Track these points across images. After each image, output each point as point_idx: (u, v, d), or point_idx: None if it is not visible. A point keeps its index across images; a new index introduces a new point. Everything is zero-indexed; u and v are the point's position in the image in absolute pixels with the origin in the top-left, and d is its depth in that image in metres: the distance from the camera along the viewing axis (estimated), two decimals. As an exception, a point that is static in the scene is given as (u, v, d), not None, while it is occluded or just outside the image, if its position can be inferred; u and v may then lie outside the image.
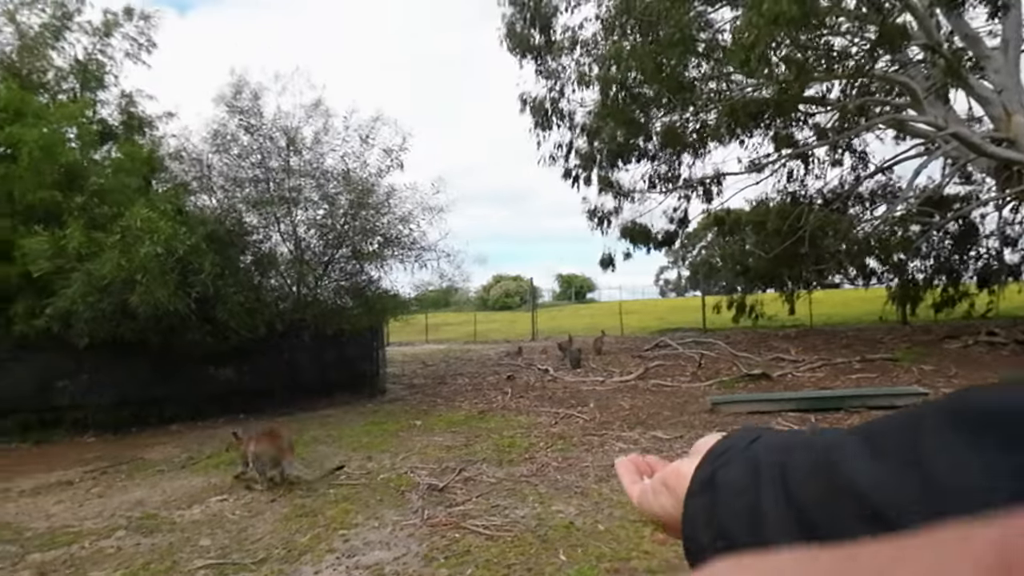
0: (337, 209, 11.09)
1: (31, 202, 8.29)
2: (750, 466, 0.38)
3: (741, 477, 0.38)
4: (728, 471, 0.40)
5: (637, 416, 9.74)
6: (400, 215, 11.28)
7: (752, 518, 0.36)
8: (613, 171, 21.69)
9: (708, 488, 0.41)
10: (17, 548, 5.09)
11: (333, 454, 7.97)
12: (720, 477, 0.40)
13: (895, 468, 0.29)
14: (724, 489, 0.39)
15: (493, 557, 4.50)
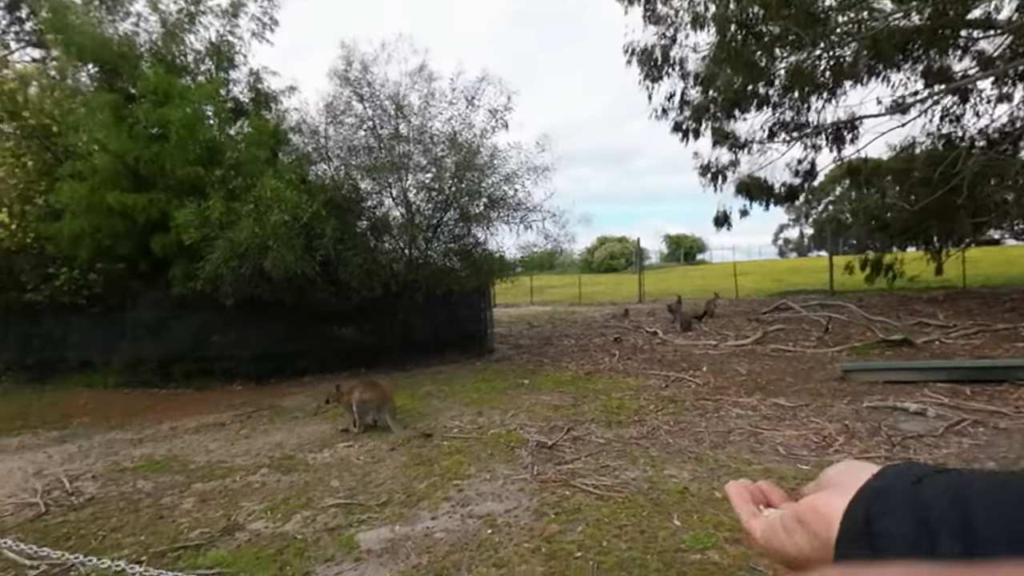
0: (444, 172, 11.29)
1: (180, 177, 9.29)
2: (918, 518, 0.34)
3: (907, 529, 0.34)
4: (889, 521, 0.36)
5: (755, 382, 9.17)
6: (504, 175, 11.26)
7: None
8: (729, 121, 20.11)
9: (865, 537, 0.37)
10: (183, 478, 5.86)
11: (445, 408, 8.32)
12: (878, 526, 0.36)
13: None
14: (887, 539, 0.35)
15: (604, 517, 4.46)
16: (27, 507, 5.22)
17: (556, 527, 4.31)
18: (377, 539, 4.26)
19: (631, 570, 3.66)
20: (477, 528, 4.38)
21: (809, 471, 5.17)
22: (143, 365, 10.78)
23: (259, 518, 4.75)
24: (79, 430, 8.17)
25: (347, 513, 4.76)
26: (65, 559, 4.11)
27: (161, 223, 9.38)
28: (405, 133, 11.88)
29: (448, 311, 14.17)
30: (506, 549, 4.02)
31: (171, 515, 4.90)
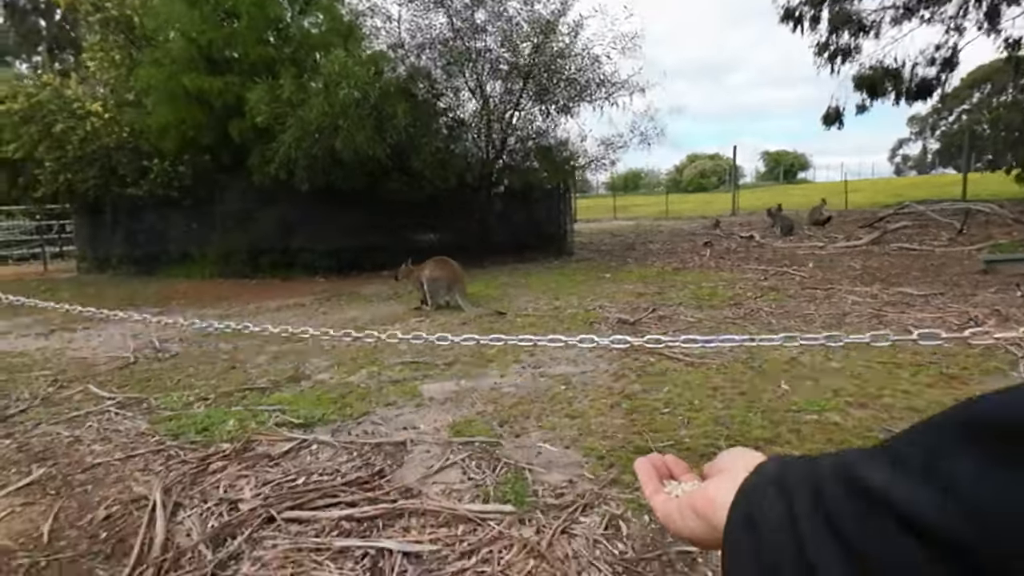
0: (521, 51, 10.34)
1: (252, 58, 9.09)
2: (781, 495, 0.37)
3: (778, 511, 0.37)
4: (768, 508, 0.38)
5: (873, 275, 8.01)
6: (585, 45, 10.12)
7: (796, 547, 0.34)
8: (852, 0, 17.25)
9: (747, 523, 0.39)
10: (261, 342, 5.89)
11: (520, 295, 7.93)
12: (759, 514, 0.38)
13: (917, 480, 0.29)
14: (764, 526, 0.37)
15: (694, 380, 3.89)
16: (119, 359, 5.43)
17: (639, 387, 3.80)
18: (441, 390, 3.97)
19: (728, 425, 3.11)
20: (549, 385, 3.96)
21: (951, 350, 4.29)
22: (234, 256, 11.18)
23: (325, 371, 4.61)
24: (175, 309, 8.58)
25: (413, 369, 4.51)
26: (139, 396, 4.18)
27: (237, 108, 9.31)
28: (481, 20, 10.94)
29: (526, 212, 13.61)
30: (580, 403, 3.58)
31: (243, 367, 4.89)
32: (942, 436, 0.30)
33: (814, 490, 0.35)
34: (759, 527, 0.38)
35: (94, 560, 2.13)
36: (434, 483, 2.60)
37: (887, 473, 0.31)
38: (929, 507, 0.28)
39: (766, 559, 0.36)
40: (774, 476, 0.40)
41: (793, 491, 0.37)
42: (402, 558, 2.03)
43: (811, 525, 0.34)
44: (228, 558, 2.07)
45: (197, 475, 2.75)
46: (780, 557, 0.35)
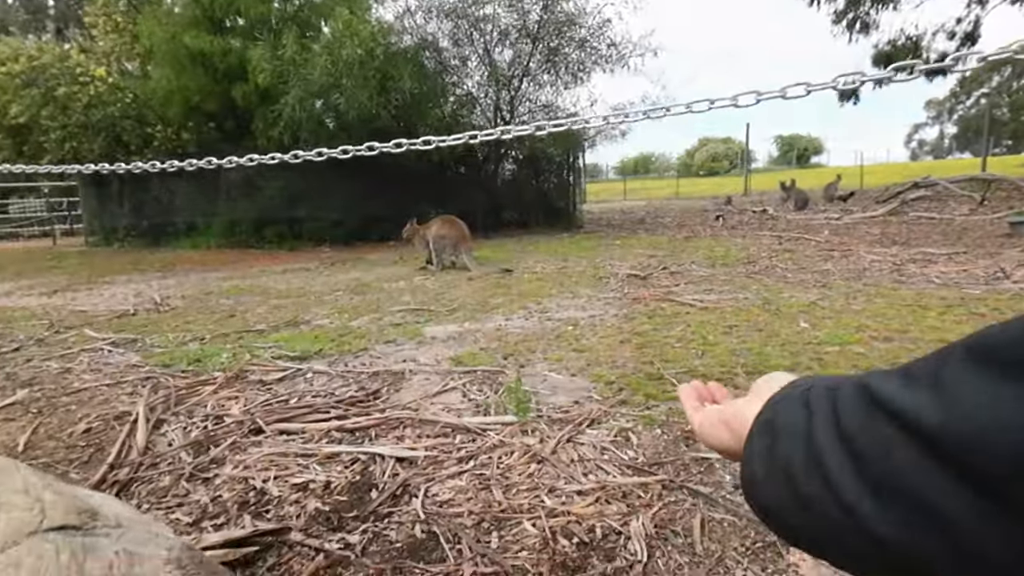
0: (530, 15, 10.08)
1: (254, 16, 8.91)
2: (804, 406, 0.39)
3: (797, 417, 0.38)
4: (787, 413, 0.40)
5: (892, 239, 7.76)
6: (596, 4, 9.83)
7: (808, 452, 0.36)
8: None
9: (768, 430, 0.41)
10: (261, 297, 5.77)
11: (529, 257, 7.76)
12: (780, 419, 0.41)
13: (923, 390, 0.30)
14: (783, 430, 0.39)
15: (709, 320, 3.71)
16: (119, 311, 5.33)
17: (650, 327, 3.63)
18: (444, 331, 3.82)
19: (745, 357, 2.93)
20: (556, 326, 3.80)
21: (980, 295, 4.07)
22: (239, 227, 11.08)
23: (325, 318, 4.48)
24: (179, 272, 8.50)
25: (416, 315, 4.36)
26: (134, 337, 4.06)
27: (241, 72, 9.15)
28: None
29: (535, 185, 13.39)
30: (589, 340, 3.41)
31: (242, 316, 4.76)
32: (950, 356, 0.31)
33: (832, 399, 0.37)
34: (778, 430, 0.40)
35: (69, 466, 2.00)
36: (432, 403, 2.45)
37: (897, 385, 0.32)
38: (932, 412, 0.29)
39: (778, 458, 0.38)
40: (801, 390, 0.41)
41: (814, 402, 0.38)
42: (395, 463, 1.89)
43: (823, 427, 0.36)
44: (209, 462, 1.94)
45: (185, 396, 2.62)
46: (791, 456, 0.37)
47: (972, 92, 55.31)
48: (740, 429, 0.46)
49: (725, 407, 0.52)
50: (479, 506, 1.63)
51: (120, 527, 0.79)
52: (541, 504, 1.64)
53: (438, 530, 1.53)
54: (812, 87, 1.34)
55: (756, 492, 0.41)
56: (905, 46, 17.40)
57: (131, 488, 1.81)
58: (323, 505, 1.66)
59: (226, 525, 1.58)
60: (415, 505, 1.65)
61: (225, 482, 1.81)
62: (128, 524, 0.81)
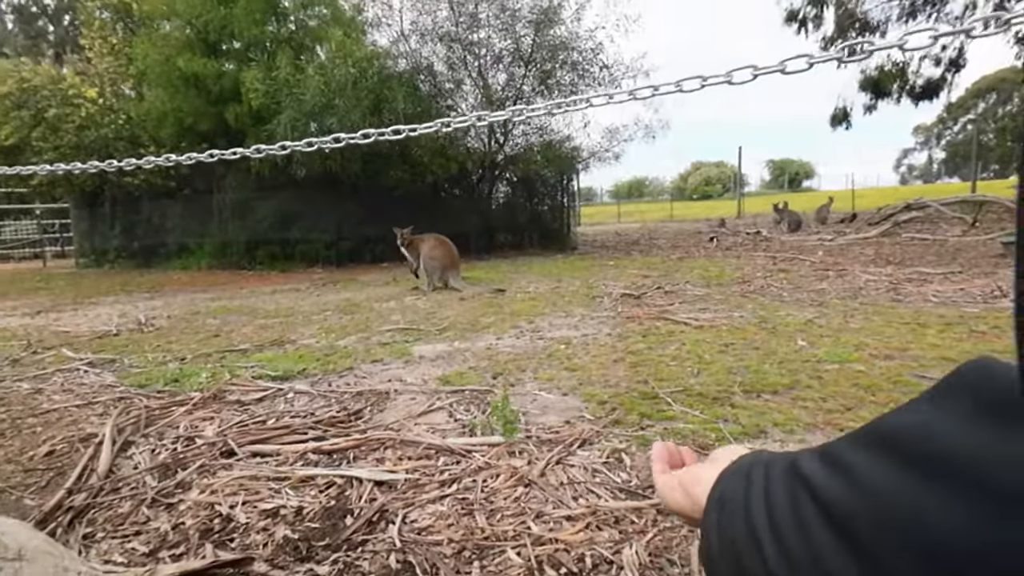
0: (524, 40, 10.18)
1: (248, 39, 8.96)
2: (745, 479, 0.40)
3: (738, 492, 0.40)
4: (731, 489, 0.41)
5: (886, 259, 7.74)
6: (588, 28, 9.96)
7: (747, 528, 0.37)
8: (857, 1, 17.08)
9: (717, 506, 0.42)
10: (248, 317, 5.66)
11: (522, 278, 7.68)
12: (726, 495, 0.42)
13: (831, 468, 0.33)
14: (728, 504, 0.41)
15: (704, 338, 3.62)
16: (101, 332, 5.20)
17: (644, 345, 3.54)
18: (432, 351, 3.71)
19: (742, 375, 2.84)
20: (548, 345, 3.70)
21: (979, 313, 4.01)
22: (231, 248, 10.99)
23: (312, 337, 4.36)
24: (167, 293, 8.37)
25: (405, 335, 4.26)
26: (112, 357, 3.94)
27: (234, 93, 9.17)
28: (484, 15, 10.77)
29: (528, 206, 13.40)
30: (581, 359, 3.31)
31: (227, 335, 4.65)
32: (855, 439, 0.33)
33: (765, 476, 0.38)
34: (724, 505, 0.41)
35: (25, 491, 1.87)
36: (416, 424, 2.34)
37: (816, 463, 0.34)
38: (834, 489, 0.32)
39: (725, 534, 0.39)
40: (746, 464, 0.43)
41: (753, 477, 0.40)
42: (373, 486, 1.77)
43: (757, 503, 0.37)
44: (175, 486, 1.82)
45: (157, 418, 2.50)
46: (735, 531, 0.38)
47: (959, 118, 56.41)
48: (693, 492, 0.48)
49: (683, 471, 0.53)
50: (460, 533, 1.51)
51: (20, 559, 0.68)
52: (527, 531, 1.52)
53: (415, 560, 1.41)
54: (758, 71, 1.29)
55: (713, 568, 0.41)
56: (891, 72, 17.76)
57: (88, 514, 1.68)
58: (293, 533, 1.54)
59: (186, 555, 1.45)
60: (392, 532, 1.53)
61: (189, 508, 1.69)
62: (32, 557, 0.71)
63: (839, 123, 19.99)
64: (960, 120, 56.40)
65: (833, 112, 19.72)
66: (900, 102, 18.64)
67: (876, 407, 2.32)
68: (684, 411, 2.38)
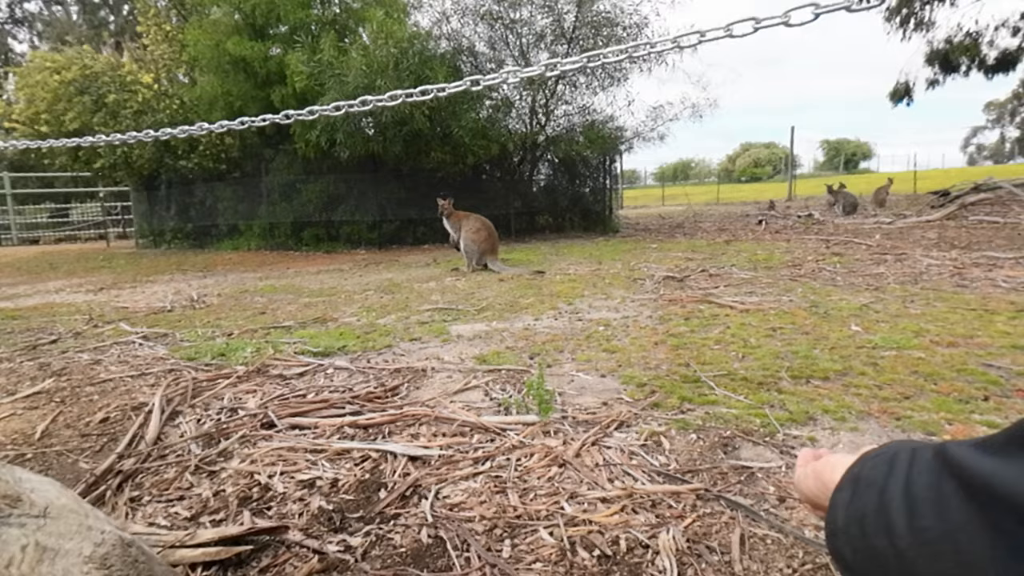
0: (566, 17, 9.96)
1: (293, 21, 9.09)
2: (887, 462, 0.41)
3: (879, 471, 0.41)
4: (872, 468, 0.42)
5: (951, 243, 7.28)
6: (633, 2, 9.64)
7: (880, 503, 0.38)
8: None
9: (851, 483, 0.44)
10: (294, 295, 5.80)
11: (562, 260, 7.60)
12: (864, 472, 0.43)
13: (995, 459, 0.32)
14: (864, 482, 0.42)
15: (750, 322, 3.49)
16: (157, 308, 5.44)
17: (686, 328, 3.43)
18: (471, 330, 3.71)
19: (791, 360, 2.71)
20: (587, 327, 3.64)
21: (1055, 300, 3.72)
22: (278, 229, 11.29)
23: (353, 315, 4.43)
24: (218, 272, 8.69)
25: (443, 314, 4.27)
26: (166, 331, 4.10)
27: (279, 76, 9.34)
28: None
29: (570, 188, 13.22)
30: (620, 340, 3.24)
31: (272, 313, 4.77)
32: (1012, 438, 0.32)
33: (910, 458, 0.39)
34: (860, 482, 0.42)
35: (80, 455, 1.96)
36: (452, 401, 2.34)
37: (970, 451, 0.34)
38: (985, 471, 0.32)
39: (855, 508, 0.41)
40: (892, 447, 0.43)
41: (897, 459, 0.40)
42: (407, 462, 1.77)
43: (897, 481, 0.38)
44: (217, 455, 1.87)
45: (203, 389, 2.58)
46: (866, 506, 0.39)
47: (1037, 94, 52.34)
48: (828, 479, 0.49)
49: (819, 461, 0.54)
50: (492, 511, 1.50)
51: (44, 517, 0.69)
52: (560, 511, 1.49)
53: (446, 535, 1.40)
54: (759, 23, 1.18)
55: (835, 541, 0.42)
56: (963, 43, 16.55)
57: (136, 479, 1.74)
58: (327, 504, 1.56)
59: (225, 521, 1.49)
60: (424, 507, 1.53)
61: (230, 476, 1.73)
62: (57, 514, 0.72)
63: (900, 99, 18.88)
64: (1039, 96, 52.40)
65: (894, 87, 18.62)
66: (969, 75, 17.44)
67: (938, 396, 2.18)
68: (727, 395, 2.30)
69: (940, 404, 2.10)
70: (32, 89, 10.24)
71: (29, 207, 20.12)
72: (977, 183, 13.14)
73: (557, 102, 11.50)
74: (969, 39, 16.52)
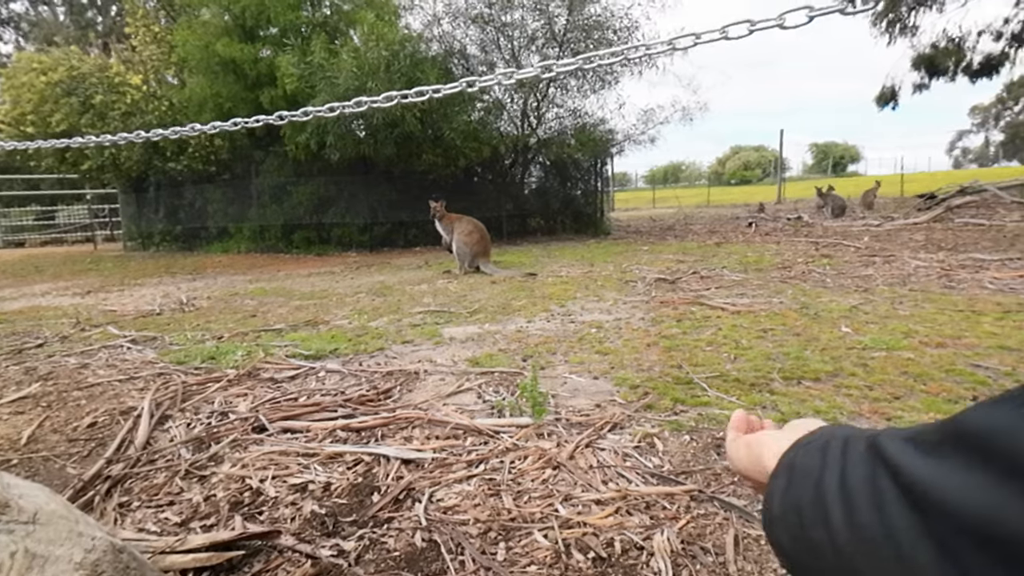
0: (557, 20, 9.99)
1: (283, 23, 9.05)
2: (820, 451, 0.41)
3: (813, 461, 0.41)
4: (806, 456, 0.42)
5: (938, 245, 7.37)
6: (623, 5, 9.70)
7: (816, 495, 0.38)
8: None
9: (787, 471, 0.44)
10: (284, 298, 5.76)
11: (554, 262, 7.61)
12: (798, 461, 0.43)
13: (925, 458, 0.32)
14: (799, 472, 0.42)
15: (741, 324, 3.51)
16: (145, 311, 5.38)
17: (678, 330, 3.45)
18: (463, 332, 3.70)
19: (782, 361, 2.73)
20: (579, 328, 3.65)
21: (1040, 301, 3.77)
22: (268, 232, 11.22)
23: (344, 318, 4.41)
24: (208, 275, 8.61)
25: (436, 317, 4.26)
26: (154, 335, 4.06)
27: (269, 78, 9.29)
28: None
29: (561, 191, 13.24)
30: (613, 343, 3.25)
31: (263, 316, 4.74)
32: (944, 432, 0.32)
33: (843, 449, 0.39)
34: (795, 472, 0.42)
35: (68, 460, 1.94)
36: (445, 404, 2.33)
37: (902, 446, 0.34)
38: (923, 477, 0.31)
39: (791, 498, 0.41)
40: (823, 435, 0.43)
41: (830, 449, 0.40)
42: (400, 464, 1.76)
43: (831, 473, 0.38)
44: (208, 459, 1.85)
45: (193, 393, 2.55)
46: (802, 498, 0.39)
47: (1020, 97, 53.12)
48: (763, 460, 0.49)
49: (753, 435, 0.55)
50: (487, 513, 1.49)
51: (34, 523, 0.68)
52: (555, 513, 1.49)
53: (440, 539, 1.39)
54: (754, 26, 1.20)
55: (773, 529, 0.42)
56: (947, 48, 16.78)
57: (125, 484, 1.72)
58: (320, 508, 1.55)
59: (216, 527, 1.47)
60: (418, 510, 1.52)
61: (221, 481, 1.71)
62: (46, 520, 0.71)
63: (886, 103, 19.13)
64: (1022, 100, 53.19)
65: (880, 91, 18.85)
66: (956, 79, 17.67)
67: (928, 397, 2.20)
68: (720, 397, 2.30)
69: (930, 404, 2.13)
70: (18, 90, 10.12)
71: (14, 209, 19.86)
72: (963, 186, 13.31)
73: (548, 105, 11.53)
74: (953, 44, 16.76)
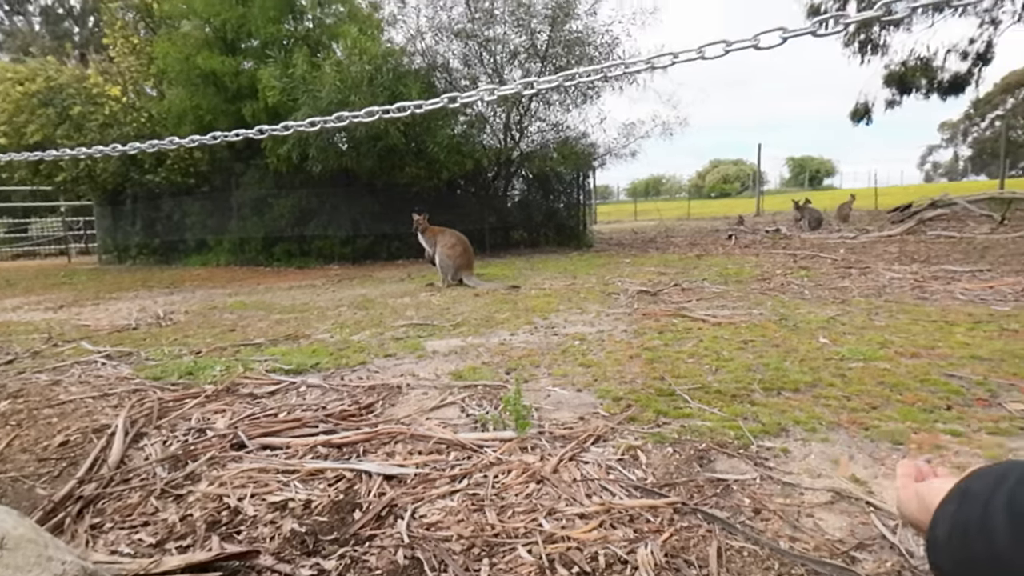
0: (539, 35, 10.12)
1: (265, 36, 9.03)
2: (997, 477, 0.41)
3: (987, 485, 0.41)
4: (979, 480, 0.43)
5: (911, 257, 7.55)
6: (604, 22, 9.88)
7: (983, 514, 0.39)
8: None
9: (959, 496, 0.44)
10: (264, 312, 5.69)
11: (537, 275, 7.63)
12: (972, 486, 0.43)
13: None
14: (969, 494, 0.43)
15: (722, 335, 3.55)
16: (121, 326, 5.27)
17: (660, 342, 3.47)
18: (446, 346, 3.68)
19: (762, 372, 2.76)
20: (562, 341, 3.65)
21: (1010, 311, 3.87)
22: (249, 244, 11.09)
23: (326, 332, 4.36)
24: (186, 289, 8.47)
25: (418, 330, 4.23)
26: (130, 350, 3.97)
27: (251, 91, 9.24)
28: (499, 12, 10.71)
29: (544, 204, 13.33)
30: (596, 355, 3.26)
31: (242, 330, 4.67)
32: None
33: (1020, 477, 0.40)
34: (966, 495, 0.44)
35: (38, 480, 1.88)
36: (428, 418, 2.31)
37: None
38: None
39: (959, 520, 0.42)
40: (1004, 465, 0.44)
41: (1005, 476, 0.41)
42: (382, 481, 1.74)
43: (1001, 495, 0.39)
44: (184, 478, 1.80)
45: (170, 409, 2.50)
46: (969, 518, 0.41)
47: (987, 114, 54.94)
48: (929, 502, 0.49)
49: (924, 484, 0.56)
50: (470, 529, 1.48)
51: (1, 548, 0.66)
52: (539, 528, 1.48)
53: (423, 556, 1.38)
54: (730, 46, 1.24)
55: (937, 554, 0.43)
56: (916, 66, 17.34)
57: (97, 504, 1.67)
58: (300, 526, 1.52)
59: (192, 547, 1.44)
60: (400, 527, 1.50)
61: (198, 499, 1.67)
62: (14, 545, 0.68)
63: (860, 118, 19.67)
64: (988, 116, 55.00)
65: (854, 107, 19.38)
66: (930, 96, 18.24)
67: (904, 406, 2.24)
68: (702, 408, 2.32)
69: (906, 414, 2.16)
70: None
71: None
72: (934, 199, 13.67)
73: (531, 119, 11.62)
74: (921, 63, 17.33)
